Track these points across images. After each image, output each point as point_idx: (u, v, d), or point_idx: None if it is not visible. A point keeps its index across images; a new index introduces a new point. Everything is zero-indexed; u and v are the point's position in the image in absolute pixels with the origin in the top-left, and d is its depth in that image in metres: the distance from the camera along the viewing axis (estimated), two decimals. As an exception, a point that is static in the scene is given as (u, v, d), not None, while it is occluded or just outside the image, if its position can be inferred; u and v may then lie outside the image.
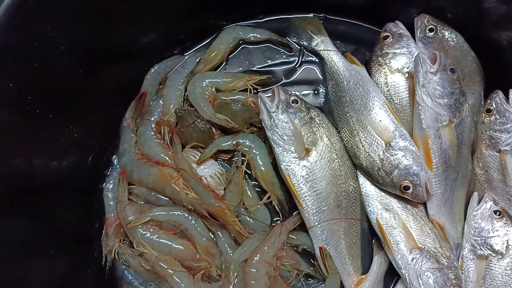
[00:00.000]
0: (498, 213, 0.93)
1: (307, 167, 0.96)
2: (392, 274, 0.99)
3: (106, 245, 0.99)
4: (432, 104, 0.92)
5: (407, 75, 1.00)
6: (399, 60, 1.00)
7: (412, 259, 0.91)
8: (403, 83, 1.00)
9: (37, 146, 0.90)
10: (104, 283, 1.00)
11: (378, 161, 0.94)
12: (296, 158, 0.96)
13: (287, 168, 0.96)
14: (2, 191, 0.83)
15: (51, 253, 0.92)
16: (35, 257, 0.89)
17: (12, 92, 0.81)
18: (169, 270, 0.93)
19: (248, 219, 0.99)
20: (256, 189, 1.03)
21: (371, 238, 1.01)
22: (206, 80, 1.05)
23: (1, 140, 0.82)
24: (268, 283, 0.93)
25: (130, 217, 0.97)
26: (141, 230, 0.96)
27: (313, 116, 0.98)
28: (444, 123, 0.92)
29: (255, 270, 0.93)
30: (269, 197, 1.00)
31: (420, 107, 0.92)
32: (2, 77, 0.79)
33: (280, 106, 0.96)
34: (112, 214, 1.01)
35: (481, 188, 0.98)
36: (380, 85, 1.01)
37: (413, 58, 0.98)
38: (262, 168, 1.01)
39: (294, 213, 1.01)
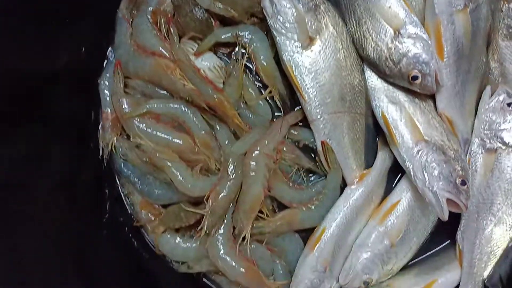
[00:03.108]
0: (511, 105, 0.88)
1: (310, 57, 0.91)
2: (395, 171, 0.97)
3: (103, 138, 0.97)
4: (446, -14, 0.85)
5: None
6: None
7: (417, 151, 0.87)
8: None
9: (32, 42, 0.86)
10: (102, 178, 0.99)
11: (386, 50, 0.89)
12: (299, 47, 0.90)
13: (289, 59, 0.91)
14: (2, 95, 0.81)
15: (50, 151, 0.91)
16: (35, 155, 0.88)
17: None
18: (167, 161, 0.91)
19: (249, 114, 0.96)
20: (257, 83, 0.99)
21: (376, 135, 0.98)
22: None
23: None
24: (267, 176, 0.91)
25: (126, 109, 0.94)
26: (137, 123, 0.93)
27: (318, 3, 0.91)
28: (458, 7, 0.86)
29: (254, 162, 0.90)
30: (270, 91, 0.97)
31: (433, -10, 0.86)
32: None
33: (282, -9, 0.90)
34: (109, 109, 0.98)
35: (494, 83, 0.93)
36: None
37: None
38: (263, 61, 0.96)
39: (296, 108, 0.98)
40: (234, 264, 0.90)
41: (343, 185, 0.97)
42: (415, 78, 0.87)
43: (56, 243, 0.88)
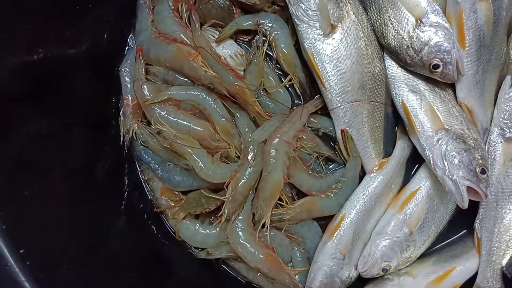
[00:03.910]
0: (531, 95, 0.89)
1: (331, 44, 0.91)
2: (414, 160, 0.98)
3: (124, 124, 0.98)
4: (470, -26, 0.85)
5: None
6: None
7: (438, 140, 0.88)
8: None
9: (55, 25, 0.87)
10: (122, 164, 1.00)
11: (407, 39, 0.89)
12: (321, 35, 0.91)
13: (310, 47, 0.92)
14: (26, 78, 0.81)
15: (71, 134, 0.91)
16: (57, 137, 0.89)
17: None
18: (188, 148, 0.92)
19: (268, 102, 0.97)
20: (277, 71, 0.99)
21: (395, 124, 0.98)
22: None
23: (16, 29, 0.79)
24: (287, 163, 0.92)
25: (148, 96, 0.94)
26: (158, 110, 0.94)
27: (339, -9, 0.92)
28: (481, -4, 0.86)
29: (274, 150, 0.91)
30: (290, 79, 0.97)
31: (455, -22, 0.86)
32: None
33: (305, -21, 0.90)
34: (129, 95, 0.99)
35: (514, 72, 0.93)
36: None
37: None
38: (284, 49, 0.97)
39: (316, 96, 0.98)
40: (253, 250, 0.91)
41: (362, 173, 0.97)
42: (436, 66, 0.88)
43: (75, 226, 0.88)
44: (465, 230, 0.97)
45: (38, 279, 0.72)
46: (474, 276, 0.91)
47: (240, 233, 0.92)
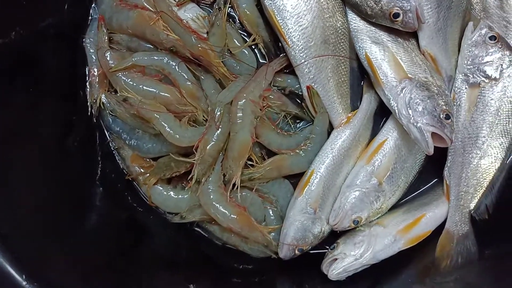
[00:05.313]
0: (493, 38, 0.88)
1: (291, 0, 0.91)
2: (382, 114, 0.98)
3: (91, 95, 0.98)
4: None
5: None
6: None
7: (402, 89, 0.88)
8: None
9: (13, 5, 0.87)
10: (93, 135, 1.00)
11: (366, -10, 0.89)
12: (280, -9, 0.91)
13: (270, 4, 0.91)
14: None
15: (42, 106, 0.92)
16: (29, 108, 0.89)
17: None
18: (154, 113, 0.92)
19: (234, 63, 0.97)
20: (241, 32, 0.99)
21: (361, 78, 0.98)
22: None
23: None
24: (254, 123, 0.92)
25: (111, 63, 0.94)
26: (123, 77, 0.94)
27: None
28: None
29: (241, 109, 0.91)
30: (254, 39, 0.97)
31: None
32: None
33: None
34: (95, 66, 0.99)
35: (476, 18, 0.92)
36: None
37: None
38: (246, 9, 0.96)
39: (280, 55, 0.98)
40: (225, 210, 0.91)
41: (331, 129, 0.97)
42: (396, 15, 0.87)
43: (52, 201, 0.89)
44: (436, 180, 0.98)
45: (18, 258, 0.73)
46: (444, 223, 0.92)
47: (211, 194, 0.92)
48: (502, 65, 0.87)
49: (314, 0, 0.91)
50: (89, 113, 0.99)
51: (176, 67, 0.94)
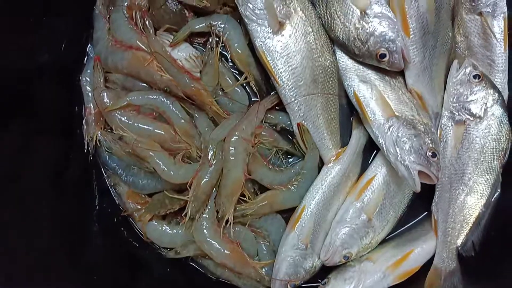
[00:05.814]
0: (477, 77, 0.91)
1: (281, 41, 0.93)
2: (372, 148, 1.00)
3: (87, 133, 1.00)
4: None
5: None
6: None
7: (389, 127, 0.90)
8: None
9: (11, 40, 0.89)
10: (89, 171, 1.02)
11: (353, 31, 0.91)
12: (270, 32, 0.93)
13: (261, 45, 0.94)
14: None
15: (38, 145, 0.94)
16: (24, 149, 0.91)
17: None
18: (149, 152, 0.94)
19: (226, 101, 0.99)
20: (233, 71, 1.02)
21: (350, 115, 1.00)
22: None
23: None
24: (246, 160, 0.94)
25: (107, 103, 0.97)
26: (119, 116, 0.96)
27: (285, -11, 0.94)
28: (420, -16, 0.88)
29: (233, 147, 0.93)
30: (246, 78, 0.99)
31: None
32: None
33: (250, -21, 0.93)
34: (91, 104, 1.01)
35: (461, 56, 0.95)
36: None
37: None
38: (237, 49, 0.99)
39: (272, 93, 1.00)
40: (218, 246, 0.93)
41: (321, 165, 0.99)
42: (383, 56, 0.90)
43: (49, 235, 0.91)
44: (425, 213, 0.99)
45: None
46: (433, 258, 0.93)
47: (205, 231, 0.94)
48: (486, 103, 0.90)
49: (303, 41, 0.94)
50: (85, 151, 1.01)
51: (171, 105, 0.96)
